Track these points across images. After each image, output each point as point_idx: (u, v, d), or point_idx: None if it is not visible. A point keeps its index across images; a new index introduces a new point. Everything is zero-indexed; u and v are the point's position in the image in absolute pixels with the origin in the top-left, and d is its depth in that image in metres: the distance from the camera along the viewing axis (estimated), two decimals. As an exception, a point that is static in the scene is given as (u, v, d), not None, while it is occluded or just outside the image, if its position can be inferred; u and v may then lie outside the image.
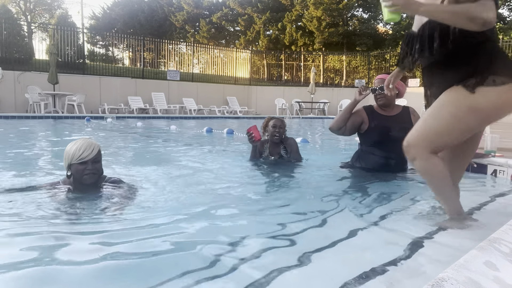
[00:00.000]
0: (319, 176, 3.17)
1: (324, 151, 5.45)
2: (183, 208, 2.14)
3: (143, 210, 2.05)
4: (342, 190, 2.72)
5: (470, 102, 1.64)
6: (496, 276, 0.80)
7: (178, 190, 2.60)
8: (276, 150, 3.61)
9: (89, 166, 2.09)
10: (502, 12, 22.79)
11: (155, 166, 3.53)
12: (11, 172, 3.26)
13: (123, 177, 2.49)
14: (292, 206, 2.26)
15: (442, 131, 1.70)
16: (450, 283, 0.76)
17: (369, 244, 1.63)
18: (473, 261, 0.87)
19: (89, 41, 29.01)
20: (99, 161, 2.18)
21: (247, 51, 23.18)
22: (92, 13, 33.95)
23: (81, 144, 2.09)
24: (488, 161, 3.31)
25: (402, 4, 1.52)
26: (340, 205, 2.26)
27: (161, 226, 1.79)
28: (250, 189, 2.73)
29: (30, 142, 5.93)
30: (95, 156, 2.11)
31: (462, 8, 1.49)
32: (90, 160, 2.08)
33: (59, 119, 11.18)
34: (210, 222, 1.91)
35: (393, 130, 3.01)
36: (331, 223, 1.93)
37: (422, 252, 1.48)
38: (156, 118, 13.24)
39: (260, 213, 2.10)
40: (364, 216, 2.05)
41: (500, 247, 0.94)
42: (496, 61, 1.65)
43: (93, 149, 2.10)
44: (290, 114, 17.21)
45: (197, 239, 1.66)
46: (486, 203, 2.33)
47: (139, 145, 5.78)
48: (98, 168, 2.17)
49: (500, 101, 1.61)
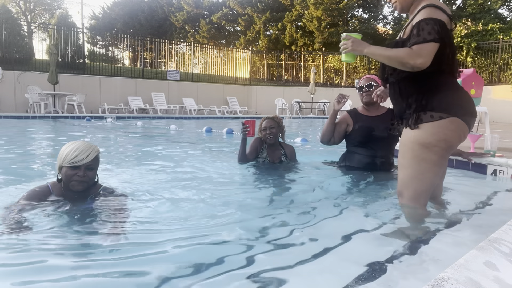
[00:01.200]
0: (316, 178, 3.16)
1: (324, 151, 5.45)
2: (182, 221, 1.91)
3: (137, 223, 1.83)
4: (339, 191, 2.72)
5: (417, 139, 1.84)
6: (496, 276, 0.80)
7: (176, 199, 2.39)
8: (276, 154, 3.49)
9: (80, 172, 1.87)
10: (502, 12, 22.78)
11: (152, 169, 3.51)
12: (10, 172, 3.26)
13: (119, 178, 2.46)
14: (290, 208, 2.25)
15: (415, 176, 1.87)
16: (450, 283, 0.76)
17: (369, 245, 1.63)
18: (473, 261, 0.86)
19: (89, 41, 28.99)
20: (94, 169, 1.95)
21: (247, 51, 23.17)
22: (92, 13, 33.95)
23: (77, 146, 1.88)
24: (488, 161, 3.30)
25: (350, 48, 1.90)
26: (338, 207, 2.26)
27: (157, 241, 1.60)
28: (248, 192, 2.73)
29: (30, 142, 5.93)
30: (90, 162, 1.89)
31: (395, 54, 1.76)
32: (83, 165, 1.87)
33: (59, 119, 11.18)
34: (207, 230, 1.82)
35: (377, 130, 3.07)
36: (330, 224, 1.93)
37: (422, 252, 1.48)
38: (156, 118, 13.24)
39: (258, 215, 2.10)
40: (363, 216, 2.05)
41: (500, 247, 0.94)
42: (434, 97, 1.82)
43: (89, 154, 1.87)
44: (290, 114, 17.21)
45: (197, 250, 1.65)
46: (486, 203, 2.33)
47: (138, 146, 5.78)
48: (91, 176, 1.94)
49: (442, 134, 1.79)
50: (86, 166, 1.88)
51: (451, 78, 1.87)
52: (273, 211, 2.14)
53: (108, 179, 2.92)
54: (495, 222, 1.76)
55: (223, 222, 1.92)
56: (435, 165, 1.85)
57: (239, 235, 1.70)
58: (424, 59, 1.70)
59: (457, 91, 1.86)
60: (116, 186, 2.48)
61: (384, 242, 1.64)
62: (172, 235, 1.68)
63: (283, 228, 1.82)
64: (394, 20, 26.42)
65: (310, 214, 2.06)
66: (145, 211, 2.04)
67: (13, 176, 3.02)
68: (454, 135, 1.82)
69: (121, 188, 2.51)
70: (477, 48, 17.21)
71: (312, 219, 1.97)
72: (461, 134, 1.84)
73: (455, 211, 2.12)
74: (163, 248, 1.53)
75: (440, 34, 1.71)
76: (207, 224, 1.88)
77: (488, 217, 2.04)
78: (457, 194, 2.57)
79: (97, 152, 1.95)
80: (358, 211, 2.15)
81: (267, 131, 3.33)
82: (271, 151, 3.46)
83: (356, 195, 2.58)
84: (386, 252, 1.49)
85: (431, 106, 1.81)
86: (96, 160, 1.94)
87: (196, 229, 1.79)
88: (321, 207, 2.20)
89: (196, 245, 1.58)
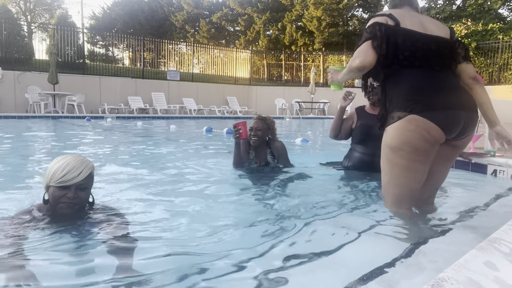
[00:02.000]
0: (314, 178, 3.15)
1: (324, 151, 5.45)
2: (176, 230, 1.80)
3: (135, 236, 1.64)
4: (337, 192, 2.71)
5: (386, 143, 1.82)
6: (496, 276, 0.80)
7: (175, 203, 2.31)
8: (261, 155, 3.22)
9: (70, 194, 1.57)
10: (502, 12, 22.78)
11: (151, 171, 3.48)
12: (6, 172, 3.26)
13: (116, 177, 2.39)
14: (287, 210, 2.25)
15: (391, 181, 1.84)
16: (450, 283, 0.76)
17: (368, 245, 1.63)
18: (473, 261, 0.86)
19: (89, 41, 29.00)
20: (86, 188, 1.65)
21: (247, 51, 23.17)
22: (92, 13, 33.94)
23: (66, 163, 1.58)
24: (488, 161, 3.30)
25: (330, 79, 2.10)
26: (337, 207, 2.26)
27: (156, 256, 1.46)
28: (240, 194, 2.65)
29: (30, 142, 5.92)
30: (82, 181, 1.59)
31: (348, 66, 1.84)
32: (73, 185, 1.57)
33: (59, 119, 11.19)
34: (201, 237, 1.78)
35: (376, 128, 3.00)
36: (329, 225, 1.92)
37: (422, 252, 1.48)
38: (156, 118, 13.25)
39: (257, 218, 2.10)
40: (361, 217, 2.05)
41: (500, 247, 0.94)
42: (394, 95, 1.79)
43: (80, 171, 1.58)
44: (290, 114, 17.21)
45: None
46: (486, 203, 2.33)
47: (137, 146, 5.78)
48: (83, 197, 1.63)
49: (402, 136, 1.72)
50: (77, 186, 1.59)
51: (412, 71, 1.77)
52: (270, 215, 2.13)
53: (106, 181, 2.92)
54: (495, 222, 1.76)
55: (222, 224, 1.92)
56: (406, 170, 1.76)
57: (239, 237, 1.70)
58: (360, 57, 1.74)
59: (416, 84, 1.74)
60: (113, 192, 2.46)
61: (384, 242, 1.64)
62: (168, 245, 1.67)
63: (280, 232, 1.82)
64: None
65: (309, 215, 2.06)
66: (141, 226, 1.82)
67: (9, 178, 3.01)
68: (415, 136, 1.68)
69: (118, 192, 2.50)
70: (477, 48, 17.20)
71: (312, 220, 1.96)
72: (424, 134, 1.68)
73: (455, 211, 2.12)
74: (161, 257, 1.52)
75: (372, 32, 1.74)
76: (203, 229, 1.88)
77: (488, 217, 2.04)
78: (457, 194, 2.57)
79: (91, 169, 1.65)
80: (358, 211, 2.15)
81: (252, 132, 3.14)
82: (258, 152, 3.27)
83: (355, 196, 2.57)
84: (386, 252, 1.49)
85: (394, 105, 1.76)
86: (89, 178, 1.64)
87: (194, 232, 1.78)
88: (321, 208, 2.20)
89: (195, 247, 1.58)
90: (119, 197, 2.39)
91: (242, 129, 3.07)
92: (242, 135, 3.06)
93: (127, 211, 1.96)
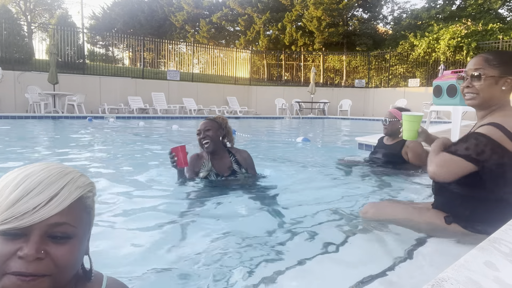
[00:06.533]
0: (311, 179, 3.16)
1: (323, 152, 5.45)
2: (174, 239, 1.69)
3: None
4: (336, 193, 2.71)
5: None
6: (496, 276, 0.80)
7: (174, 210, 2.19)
8: (224, 164, 2.67)
9: (30, 249, 0.62)
10: (502, 12, 22.77)
11: (150, 175, 3.36)
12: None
13: (115, 177, 2.26)
14: (285, 213, 2.22)
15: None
16: (450, 283, 0.76)
17: (368, 245, 1.63)
18: (473, 261, 0.87)
19: (89, 41, 29.00)
20: (70, 237, 0.67)
21: (247, 51, 23.17)
22: (92, 13, 33.93)
23: (23, 178, 0.66)
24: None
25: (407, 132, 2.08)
26: (336, 209, 2.26)
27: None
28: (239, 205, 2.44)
29: (30, 142, 5.92)
30: (57, 218, 0.65)
31: (430, 153, 1.63)
32: (36, 227, 0.63)
33: (59, 119, 11.18)
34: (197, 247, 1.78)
35: (377, 153, 3.50)
36: (329, 226, 1.93)
37: (422, 252, 1.48)
38: (156, 118, 13.24)
39: (254, 222, 2.10)
40: (362, 217, 2.04)
41: (500, 247, 0.94)
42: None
43: (54, 195, 0.65)
44: (290, 114, 17.20)
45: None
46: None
47: (138, 147, 5.78)
48: (62, 261, 0.66)
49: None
50: (46, 230, 0.64)
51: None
52: (268, 217, 2.13)
53: (105, 182, 2.91)
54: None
55: (220, 226, 1.92)
56: None
57: (238, 240, 1.71)
58: (441, 169, 1.50)
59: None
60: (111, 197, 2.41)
61: (384, 242, 1.64)
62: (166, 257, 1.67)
63: (279, 235, 1.82)
64: (394, 20, 26.42)
65: (308, 216, 2.06)
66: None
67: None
68: None
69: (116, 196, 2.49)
70: (477, 48, 17.19)
71: (311, 221, 1.97)
72: None
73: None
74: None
75: (479, 155, 1.45)
76: (201, 234, 1.88)
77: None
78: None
79: (82, 189, 0.70)
80: (358, 212, 2.15)
81: (201, 135, 2.60)
82: (217, 161, 2.67)
83: (355, 196, 2.58)
84: (386, 253, 1.49)
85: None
86: (77, 210, 0.69)
87: (191, 237, 1.78)
88: (320, 209, 2.20)
89: (193, 250, 1.58)
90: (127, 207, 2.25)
91: (178, 156, 2.36)
92: (179, 163, 2.39)
93: (133, 218, 1.96)
